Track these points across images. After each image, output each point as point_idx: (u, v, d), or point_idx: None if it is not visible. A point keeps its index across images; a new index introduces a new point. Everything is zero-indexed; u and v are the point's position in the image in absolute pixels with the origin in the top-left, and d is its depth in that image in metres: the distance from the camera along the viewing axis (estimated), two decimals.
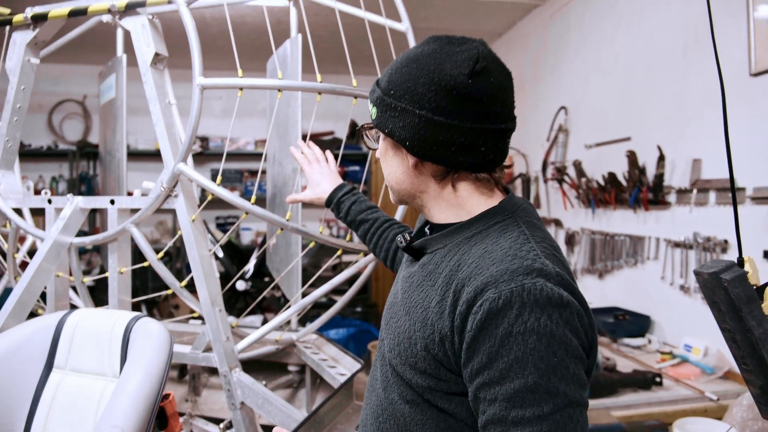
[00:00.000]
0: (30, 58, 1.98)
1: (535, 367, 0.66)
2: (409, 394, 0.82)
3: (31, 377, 1.38)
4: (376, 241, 1.29)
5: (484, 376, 0.69)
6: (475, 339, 0.69)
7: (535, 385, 0.66)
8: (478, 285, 0.70)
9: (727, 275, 0.86)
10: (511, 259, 0.72)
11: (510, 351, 0.66)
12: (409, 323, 0.81)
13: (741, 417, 1.74)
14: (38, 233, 1.88)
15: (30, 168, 4.93)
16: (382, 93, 0.84)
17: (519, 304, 0.67)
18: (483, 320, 0.68)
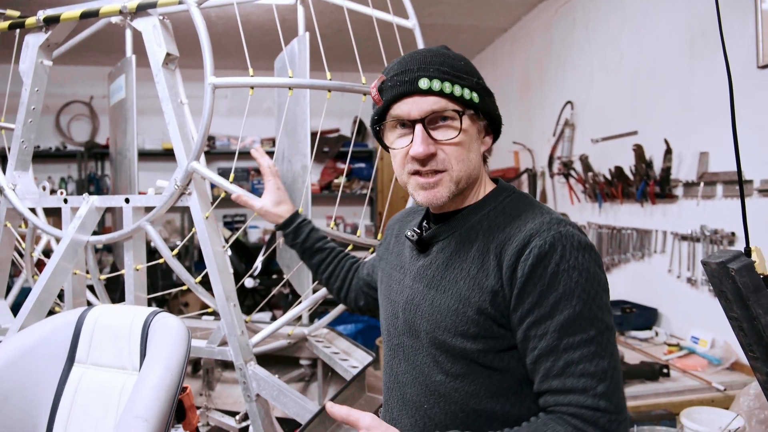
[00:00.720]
0: (43, 60, 2.01)
1: (579, 298, 0.78)
2: (458, 368, 0.86)
3: (54, 372, 1.42)
4: (333, 270, 1.30)
5: (534, 314, 0.79)
6: (527, 281, 0.79)
7: (581, 313, 0.78)
8: (522, 238, 0.81)
9: (735, 264, 0.88)
10: (541, 215, 0.84)
11: (558, 286, 0.78)
12: (451, 299, 0.86)
13: (748, 406, 1.76)
14: (55, 232, 1.92)
15: (39, 169, 4.98)
16: (478, 79, 0.90)
17: (561, 247, 0.79)
18: (534, 264, 0.79)
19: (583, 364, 0.77)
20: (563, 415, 0.77)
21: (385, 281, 1.04)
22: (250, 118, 1.76)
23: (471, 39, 4.62)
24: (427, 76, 0.85)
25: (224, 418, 2.07)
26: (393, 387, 0.96)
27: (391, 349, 0.97)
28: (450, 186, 0.89)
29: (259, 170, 5.94)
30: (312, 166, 1.94)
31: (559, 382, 0.78)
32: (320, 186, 5.45)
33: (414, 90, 0.85)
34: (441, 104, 0.86)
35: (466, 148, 0.89)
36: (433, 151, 0.87)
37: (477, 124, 0.91)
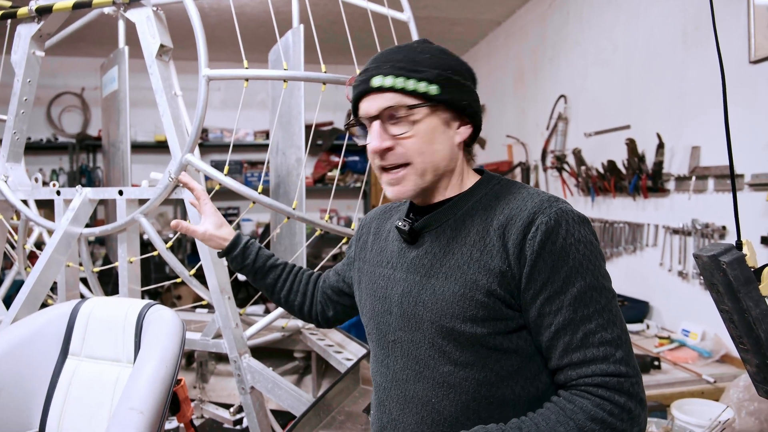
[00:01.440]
0: (35, 50, 2.00)
1: (587, 270, 0.81)
2: (467, 355, 0.86)
3: (47, 364, 1.42)
4: (291, 286, 1.21)
5: (548, 291, 0.81)
6: (537, 259, 0.81)
7: (591, 284, 0.81)
8: (525, 217, 0.83)
9: (726, 258, 0.89)
10: (538, 195, 0.87)
11: (567, 260, 0.81)
12: (456, 284, 0.86)
13: (737, 398, 1.79)
14: (48, 224, 1.91)
15: (30, 161, 4.93)
16: (443, 71, 0.89)
17: (565, 222, 0.82)
18: (542, 240, 0.81)
19: (600, 333, 0.79)
20: (588, 387, 0.79)
21: (367, 280, 1.02)
22: (243, 110, 1.75)
23: (465, 32, 4.61)
24: (381, 73, 0.88)
25: (218, 410, 2.08)
26: (390, 386, 0.94)
27: (384, 348, 0.95)
28: (415, 179, 0.90)
29: (253, 163, 5.86)
30: (306, 159, 1.94)
31: (580, 354, 0.80)
32: (314, 179, 5.44)
33: (368, 89, 0.88)
34: (395, 100, 0.87)
35: (426, 140, 0.89)
36: (389, 145, 0.88)
37: (439, 115, 0.90)
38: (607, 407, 0.77)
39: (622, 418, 0.77)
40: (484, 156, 4.80)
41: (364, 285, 1.02)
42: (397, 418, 0.92)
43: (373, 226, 1.08)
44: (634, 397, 0.79)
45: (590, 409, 0.77)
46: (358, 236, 1.11)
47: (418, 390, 0.89)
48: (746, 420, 1.75)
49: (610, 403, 0.77)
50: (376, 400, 0.98)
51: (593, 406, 0.78)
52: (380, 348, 0.96)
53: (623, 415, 0.78)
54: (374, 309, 0.98)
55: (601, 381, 0.78)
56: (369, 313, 1.00)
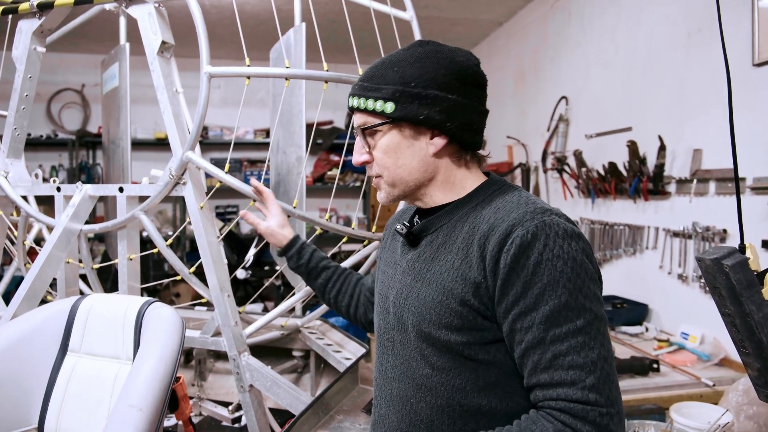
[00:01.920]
0: (36, 46, 1.99)
1: (564, 287, 0.77)
2: (444, 361, 0.86)
3: (47, 361, 1.41)
4: (340, 287, 1.27)
5: (519, 306, 0.78)
6: (510, 273, 0.78)
7: (567, 303, 0.76)
8: (504, 228, 0.81)
9: (729, 261, 0.89)
10: (525, 205, 0.84)
11: (543, 276, 0.77)
12: (436, 291, 0.87)
13: (736, 402, 1.79)
14: (48, 221, 1.90)
15: (29, 157, 4.92)
16: (402, 86, 0.88)
17: (544, 236, 0.78)
18: (516, 254, 0.78)
19: (571, 356, 0.75)
20: (552, 411, 0.75)
21: (379, 279, 1.05)
22: (243, 108, 1.74)
23: (466, 32, 4.61)
24: (353, 93, 0.94)
25: (217, 408, 2.07)
26: (382, 383, 0.96)
27: (381, 345, 0.98)
28: (387, 189, 0.95)
29: (253, 161, 5.86)
30: (306, 157, 1.93)
31: (547, 376, 0.76)
32: (313, 178, 5.44)
33: (349, 107, 0.95)
34: (362, 119, 0.93)
35: (390, 154, 0.92)
36: (366, 159, 0.94)
37: (402, 131, 0.91)
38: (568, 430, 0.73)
39: None
40: None
41: (377, 284, 1.06)
42: (384, 414, 0.95)
43: (391, 228, 1.12)
44: (601, 428, 0.73)
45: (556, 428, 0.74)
46: (384, 238, 1.15)
47: (401, 389, 0.92)
48: (745, 424, 1.75)
49: (572, 430, 0.73)
50: (374, 395, 1.02)
51: (554, 431, 0.74)
52: (379, 345, 0.99)
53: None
54: (378, 307, 1.01)
55: (564, 406, 0.74)
56: (375, 310, 1.03)
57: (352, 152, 0.98)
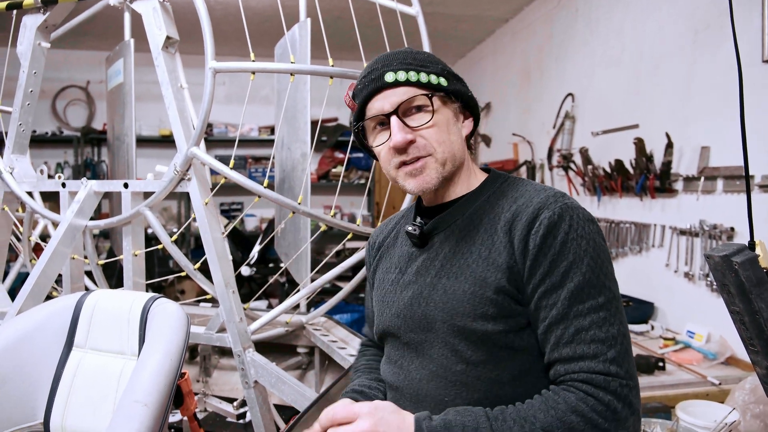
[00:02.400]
0: (40, 41, 1.99)
1: (588, 266, 0.81)
2: (480, 354, 0.86)
3: (52, 356, 1.42)
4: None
5: (546, 284, 0.82)
6: (538, 252, 0.82)
7: (590, 280, 0.81)
8: (531, 212, 0.85)
9: (738, 258, 0.88)
10: (544, 191, 0.88)
11: (568, 254, 0.81)
12: (466, 283, 0.87)
13: (743, 400, 1.77)
14: (54, 216, 1.91)
15: (34, 154, 4.91)
16: (443, 66, 0.93)
17: (569, 217, 0.83)
18: (544, 234, 0.82)
19: (593, 331, 0.79)
20: (574, 383, 0.78)
21: (379, 290, 1.03)
22: (248, 105, 1.74)
23: (472, 29, 4.59)
24: (392, 69, 0.90)
25: (222, 404, 2.07)
26: (403, 386, 0.94)
27: (397, 349, 0.96)
28: (437, 168, 0.91)
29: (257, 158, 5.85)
30: (311, 154, 1.93)
31: (569, 350, 0.79)
32: (318, 175, 5.43)
33: (382, 85, 0.89)
34: (410, 93, 0.89)
35: (444, 129, 0.91)
36: (412, 138, 0.89)
37: (450, 106, 0.93)
38: (590, 402, 0.76)
39: (605, 416, 0.76)
40: (489, 154, 4.78)
41: (378, 294, 1.03)
42: None
43: (378, 241, 1.10)
44: (621, 399, 0.77)
45: (573, 402, 0.77)
46: (370, 258, 1.12)
47: (431, 389, 0.89)
48: (751, 423, 1.74)
49: (594, 399, 0.76)
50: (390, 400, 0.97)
51: (577, 399, 0.77)
52: (394, 350, 0.97)
53: (607, 414, 0.76)
54: (384, 313, 0.99)
55: (587, 377, 0.78)
56: (380, 318, 1.00)
57: (354, 150, 0.97)
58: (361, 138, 0.97)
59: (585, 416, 0.75)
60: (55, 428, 1.38)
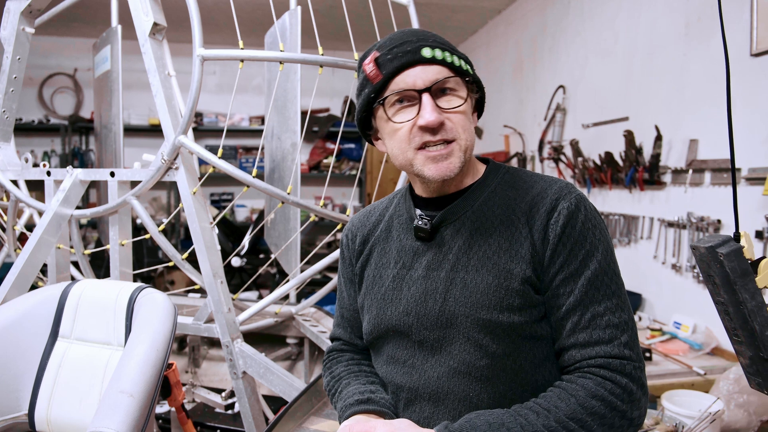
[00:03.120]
0: (25, 27, 1.96)
1: (602, 253, 0.84)
2: (504, 346, 0.85)
3: (37, 346, 1.40)
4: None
5: (564, 272, 0.84)
6: (558, 241, 0.84)
7: (605, 268, 0.84)
8: (548, 202, 0.86)
9: (723, 249, 0.88)
10: (556, 181, 0.89)
11: (585, 243, 0.84)
12: (489, 275, 0.86)
13: (727, 390, 1.80)
14: (38, 205, 1.88)
15: (21, 143, 4.88)
16: (461, 55, 0.90)
17: (584, 208, 0.86)
18: (565, 223, 0.84)
19: (608, 316, 0.81)
20: (591, 368, 0.80)
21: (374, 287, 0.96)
22: (239, 95, 1.72)
23: (465, 19, 4.57)
24: (429, 45, 0.85)
25: (210, 394, 2.07)
26: (418, 386, 0.89)
27: (406, 349, 0.91)
28: (460, 155, 0.87)
29: (248, 148, 5.80)
30: (301, 145, 1.91)
31: (585, 335, 0.81)
32: (309, 166, 5.41)
33: (418, 59, 0.84)
34: (445, 73, 0.85)
35: (468, 117, 0.89)
36: (442, 119, 0.85)
37: (472, 96, 0.91)
38: (608, 386, 0.78)
39: (623, 398, 0.78)
40: (481, 146, 4.78)
41: (371, 290, 0.97)
42: (430, 416, 0.89)
43: (363, 234, 1.03)
44: (636, 381, 0.80)
45: (592, 387, 0.78)
46: (351, 253, 1.04)
47: (453, 386, 0.87)
48: (735, 412, 1.76)
49: (612, 383, 0.79)
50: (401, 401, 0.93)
51: (595, 385, 0.78)
52: (400, 349, 0.92)
53: (624, 396, 0.78)
54: (387, 312, 0.93)
55: (604, 362, 0.80)
56: (380, 316, 0.94)
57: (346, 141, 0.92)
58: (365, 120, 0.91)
59: (605, 400, 0.77)
60: (39, 419, 1.37)
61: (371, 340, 0.98)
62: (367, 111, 0.90)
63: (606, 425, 0.77)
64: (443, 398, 0.87)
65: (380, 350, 0.97)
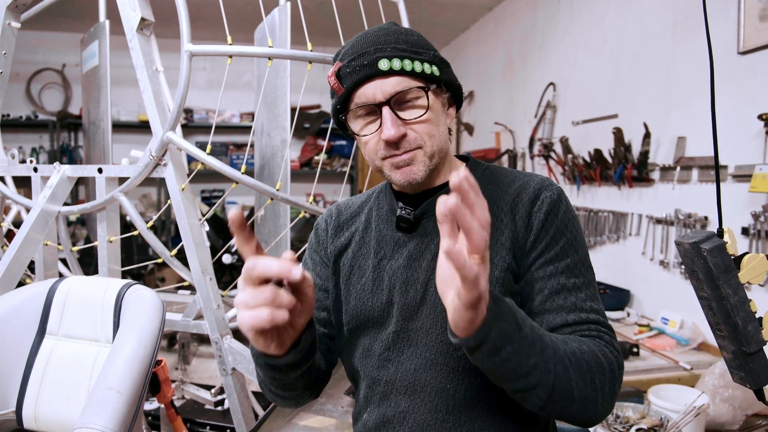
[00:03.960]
0: (10, 21, 1.94)
1: (580, 244, 0.88)
2: None
3: (24, 343, 1.39)
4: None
5: (544, 257, 0.86)
6: (541, 228, 0.87)
7: (582, 258, 0.88)
8: (531, 192, 0.89)
9: (707, 245, 0.89)
10: (536, 176, 0.92)
11: (566, 232, 0.87)
12: None
13: (712, 384, 1.82)
14: (25, 202, 1.87)
15: (9, 139, 4.83)
16: (434, 51, 0.90)
17: (565, 199, 0.89)
18: (548, 210, 0.87)
19: (589, 303, 0.85)
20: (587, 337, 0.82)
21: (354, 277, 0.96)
22: (228, 91, 1.72)
23: (455, 16, 4.57)
24: (386, 56, 0.84)
25: (200, 391, 2.07)
26: (395, 379, 0.89)
27: (381, 341, 0.91)
28: (425, 161, 0.87)
29: (239, 145, 5.76)
30: (292, 142, 1.91)
31: (574, 316, 0.84)
32: (300, 162, 5.40)
33: (375, 73, 0.83)
34: (404, 83, 0.84)
35: (434, 123, 0.88)
36: (404, 132, 0.85)
37: (441, 97, 0.90)
38: (610, 348, 0.82)
39: (619, 363, 0.82)
40: (472, 143, 4.79)
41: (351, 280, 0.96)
42: (406, 410, 0.88)
43: (342, 221, 1.03)
44: (620, 366, 0.83)
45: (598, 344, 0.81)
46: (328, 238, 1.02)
47: (430, 378, 0.86)
48: (720, 406, 1.78)
49: (611, 346, 0.82)
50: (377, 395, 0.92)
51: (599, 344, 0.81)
52: (375, 341, 0.92)
53: (619, 361, 0.82)
54: (366, 303, 0.92)
55: (597, 334, 0.83)
56: (358, 308, 0.93)
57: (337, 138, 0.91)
58: (342, 123, 0.92)
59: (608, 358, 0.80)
60: (27, 416, 1.36)
61: (348, 332, 0.96)
62: (339, 123, 0.93)
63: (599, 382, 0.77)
64: (419, 390, 0.87)
65: (355, 344, 0.95)
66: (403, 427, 0.88)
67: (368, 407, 0.93)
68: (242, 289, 0.62)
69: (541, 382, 0.71)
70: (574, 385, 0.73)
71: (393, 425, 0.88)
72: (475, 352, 0.67)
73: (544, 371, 0.71)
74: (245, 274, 0.62)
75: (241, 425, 1.74)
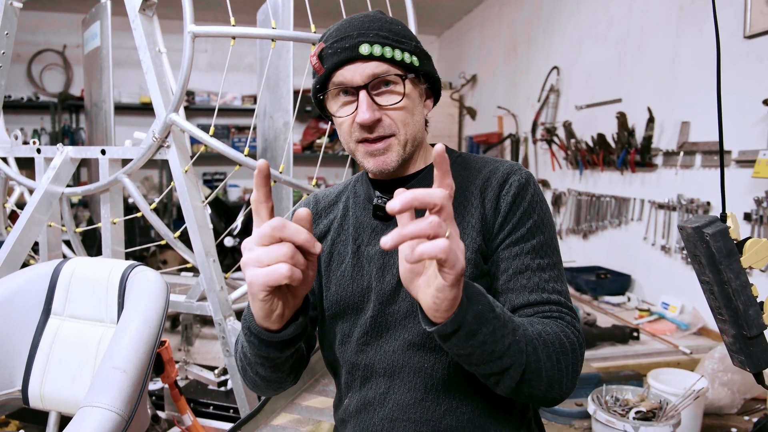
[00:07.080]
0: (12, 1, 1.92)
1: (547, 227, 0.90)
2: None
3: (29, 324, 1.40)
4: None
5: (511, 237, 0.88)
6: (509, 209, 0.89)
7: (548, 240, 0.89)
8: (500, 176, 0.91)
9: (710, 229, 0.89)
10: (504, 161, 0.95)
11: (534, 214, 0.89)
12: None
13: (712, 369, 1.84)
14: (29, 183, 1.87)
15: (10, 120, 4.81)
16: (416, 42, 0.91)
17: (533, 183, 0.92)
18: (516, 194, 0.89)
19: (553, 284, 0.87)
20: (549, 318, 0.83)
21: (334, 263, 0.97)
22: (231, 73, 1.71)
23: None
24: (368, 41, 0.86)
25: (203, 371, 2.09)
26: (374, 362, 0.91)
27: (360, 326, 0.93)
28: (398, 150, 0.90)
29: (240, 128, 5.73)
30: (294, 125, 1.90)
31: (536, 296, 0.85)
32: (302, 146, 5.38)
33: (355, 56, 0.85)
34: (383, 68, 0.86)
35: (410, 111, 0.89)
36: (379, 116, 0.87)
37: (419, 87, 0.92)
38: (571, 328, 0.82)
39: (580, 344, 0.82)
40: (475, 127, 4.77)
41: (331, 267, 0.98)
42: (386, 391, 0.90)
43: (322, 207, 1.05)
44: (581, 336, 0.84)
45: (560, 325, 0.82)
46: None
47: (408, 358, 0.89)
48: (719, 390, 1.80)
49: (572, 327, 0.83)
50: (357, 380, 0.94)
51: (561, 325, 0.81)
52: (357, 327, 0.94)
53: (580, 341, 0.83)
54: (346, 290, 0.95)
55: (559, 315, 0.84)
56: (339, 294, 0.95)
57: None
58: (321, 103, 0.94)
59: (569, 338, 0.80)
60: (33, 395, 1.38)
61: (328, 318, 0.97)
62: (318, 102, 0.94)
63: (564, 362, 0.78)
64: (399, 371, 0.89)
65: (333, 332, 0.97)
66: (383, 409, 0.90)
67: (349, 393, 0.96)
68: (251, 248, 0.63)
69: (515, 363, 0.72)
70: (542, 366, 0.75)
71: (374, 407, 0.91)
72: (452, 337, 0.68)
73: (517, 351, 0.72)
74: (269, 231, 0.62)
75: (244, 405, 1.76)
